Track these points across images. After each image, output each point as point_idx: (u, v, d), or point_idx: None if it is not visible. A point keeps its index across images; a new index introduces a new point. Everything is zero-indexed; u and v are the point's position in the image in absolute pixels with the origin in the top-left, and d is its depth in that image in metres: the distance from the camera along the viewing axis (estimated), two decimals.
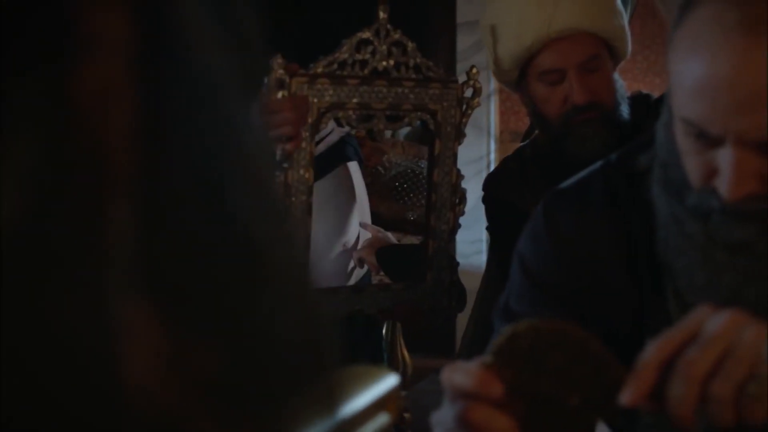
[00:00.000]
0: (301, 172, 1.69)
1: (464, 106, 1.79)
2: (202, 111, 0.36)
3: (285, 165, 1.68)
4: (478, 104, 1.81)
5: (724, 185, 1.04)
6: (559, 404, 0.88)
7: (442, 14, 5.00)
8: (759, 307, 1.09)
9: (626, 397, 0.86)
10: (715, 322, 0.87)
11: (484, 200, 2.07)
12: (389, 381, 0.92)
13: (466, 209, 1.88)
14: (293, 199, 1.69)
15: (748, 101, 1.00)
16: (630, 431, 1.07)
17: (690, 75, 1.04)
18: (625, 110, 1.88)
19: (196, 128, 0.36)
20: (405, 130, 3.87)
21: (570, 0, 1.83)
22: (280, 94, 1.63)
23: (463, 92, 1.79)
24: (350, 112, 1.71)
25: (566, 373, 0.88)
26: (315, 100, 1.66)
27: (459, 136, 1.80)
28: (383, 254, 2.22)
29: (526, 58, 1.87)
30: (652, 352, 0.87)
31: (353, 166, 2.26)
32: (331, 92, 1.67)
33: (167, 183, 0.34)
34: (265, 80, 1.63)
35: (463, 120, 1.80)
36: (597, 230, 1.23)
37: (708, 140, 1.05)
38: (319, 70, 1.66)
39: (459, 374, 0.89)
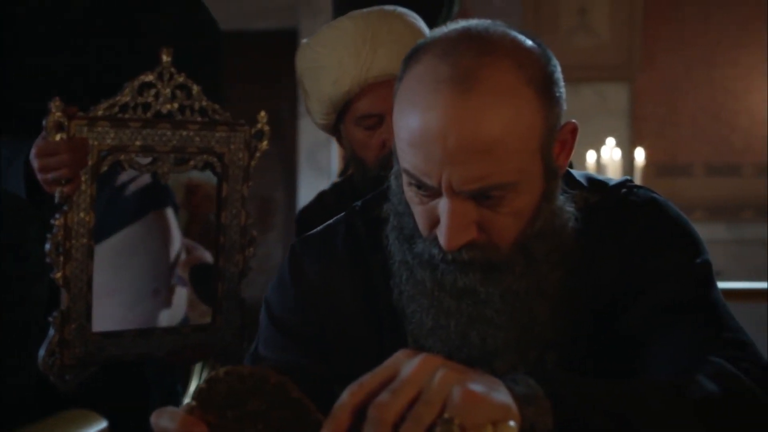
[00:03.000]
0: (82, 214, 1.67)
1: (252, 149, 1.80)
2: None
3: (64, 208, 1.65)
4: (266, 147, 1.82)
5: (442, 235, 1.08)
6: None
7: (284, 57, 5.02)
8: (484, 350, 1.14)
9: None
10: (409, 366, 0.89)
11: (297, 233, 2.06)
12: (98, 425, 0.93)
13: None
14: (73, 241, 1.67)
15: (457, 153, 1.04)
16: None
17: (406, 127, 1.07)
18: None
19: None
20: None
21: (388, 46, 1.84)
22: (58, 137, 1.61)
23: (251, 135, 1.80)
24: (133, 155, 1.70)
25: (266, 416, 0.89)
26: (95, 143, 1.64)
27: (247, 178, 1.81)
28: (195, 272, 2.19)
29: (344, 102, 1.87)
30: (347, 396, 0.88)
31: (169, 213, 2.23)
32: (112, 135, 1.66)
33: None
34: (44, 122, 1.61)
35: (252, 163, 1.81)
36: (340, 277, 1.25)
37: (428, 190, 1.08)
38: (100, 112, 1.65)
39: (164, 418, 0.90)
